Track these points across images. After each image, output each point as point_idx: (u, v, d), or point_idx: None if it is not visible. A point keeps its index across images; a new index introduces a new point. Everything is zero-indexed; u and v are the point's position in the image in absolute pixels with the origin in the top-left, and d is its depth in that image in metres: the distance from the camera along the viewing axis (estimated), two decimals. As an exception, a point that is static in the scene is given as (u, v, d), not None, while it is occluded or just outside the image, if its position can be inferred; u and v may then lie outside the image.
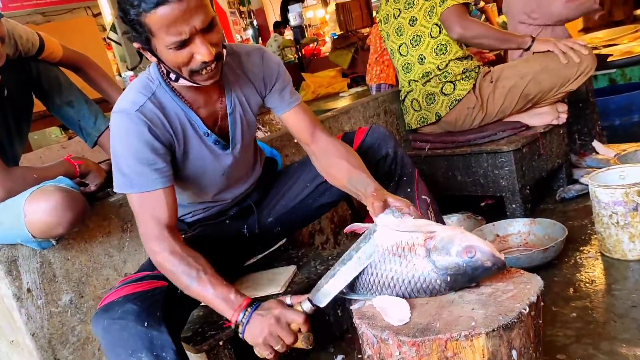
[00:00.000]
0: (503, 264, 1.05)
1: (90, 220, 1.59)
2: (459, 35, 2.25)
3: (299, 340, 1.18)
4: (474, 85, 2.32)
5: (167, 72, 1.29)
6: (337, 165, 1.42)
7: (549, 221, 1.99)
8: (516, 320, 0.97)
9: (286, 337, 1.15)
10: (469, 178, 2.39)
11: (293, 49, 9.49)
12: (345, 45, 7.77)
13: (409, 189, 1.57)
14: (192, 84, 1.27)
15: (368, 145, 1.57)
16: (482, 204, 2.60)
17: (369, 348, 1.07)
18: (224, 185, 1.50)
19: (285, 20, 9.75)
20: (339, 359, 1.64)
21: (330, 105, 5.86)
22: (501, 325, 0.95)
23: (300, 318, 1.16)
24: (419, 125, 2.50)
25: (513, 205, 2.27)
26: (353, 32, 7.81)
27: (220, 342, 1.42)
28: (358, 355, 1.18)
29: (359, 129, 1.62)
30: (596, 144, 2.66)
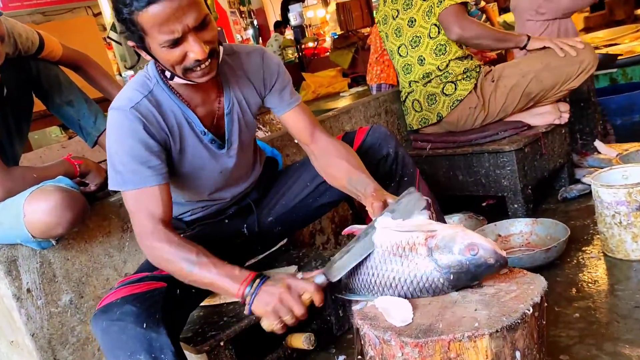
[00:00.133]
0: (505, 261, 1.05)
1: (90, 220, 1.59)
2: (458, 36, 2.24)
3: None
4: (475, 85, 2.31)
5: (163, 70, 1.29)
6: (336, 165, 1.42)
7: (551, 221, 1.98)
8: (520, 321, 0.96)
9: (296, 308, 1.11)
10: (470, 178, 2.38)
11: (294, 49, 9.48)
12: (345, 45, 7.77)
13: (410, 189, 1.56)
14: (187, 82, 1.26)
15: (369, 145, 1.56)
16: (484, 204, 2.59)
17: (371, 349, 1.06)
18: (221, 184, 1.49)
19: (285, 20, 9.75)
20: (340, 359, 1.63)
21: (330, 105, 5.85)
22: (505, 326, 0.94)
23: (312, 287, 1.12)
24: (421, 126, 2.49)
25: (515, 205, 2.26)
26: (353, 32, 7.81)
27: (221, 343, 1.41)
28: (359, 356, 1.17)
29: (359, 128, 1.62)
30: (598, 144, 2.65)
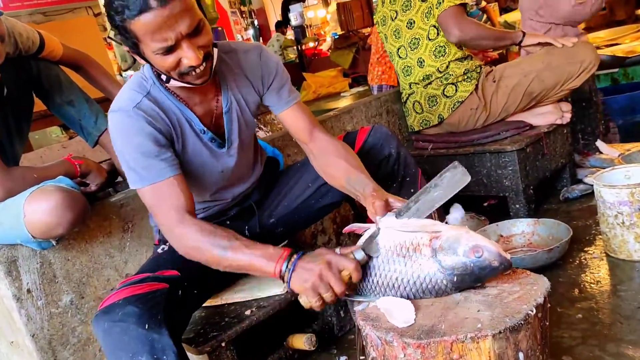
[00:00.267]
0: (510, 264, 1.04)
1: (91, 220, 1.58)
2: (457, 38, 2.23)
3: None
4: (476, 86, 2.31)
5: (159, 74, 1.28)
6: (335, 165, 1.41)
7: (553, 221, 1.98)
8: (523, 322, 0.95)
9: (336, 285, 1.08)
10: (472, 178, 2.36)
11: (294, 49, 9.47)
12: (346, 45, 7.75)
13: (412, 189, 1.56)
14: (184, 84, 1.26)
15: (371, 145, 1.56)
16: (485, 204, 2.59)
17: (373, 350, 1.05)
18: (222, 184, 1.49)
19: (286, 20, 9.73)
20: (342, 360, 1.63)
21: (331, 105, 5.84)
22: (508, 327, 0.94)
23: (352, 264, 1.09)
24: (422, 128, 2.49)
25: (516, 206, 2.26)
26: (354, 32, 7.79)
27: (223, 344, 1.40)
28: (361, 357, 1.17)
29: (361, 128, 1.61)
30: (600, 144, 2.64)
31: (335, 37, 8.53)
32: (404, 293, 1.08)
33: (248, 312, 1.48)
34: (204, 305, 1.54)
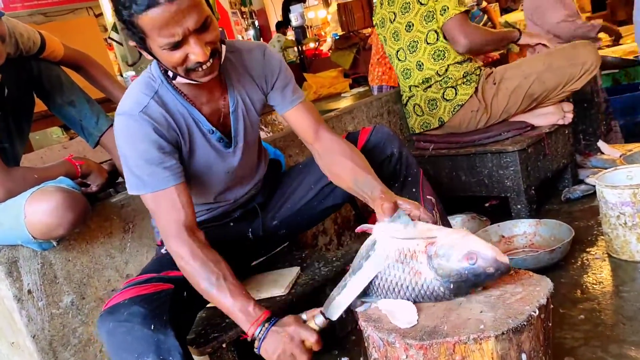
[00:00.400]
0: (507, 269, 1.02)
1: (92, 221, 1.58)
2: (465, 47, 2.23)
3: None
4: (476, 89, 2.30)
5: (165, 70, 1.28)
6: (341, 164, 1.40)
7: (555, 222, 1.97)
8: (526, 323, 0.95)
9: (300, 356, 1.15)
10: (473, 178, 2.37)
11: (295, 49, 9.48)
12: (347, 45, 7.76)
13: (414, 189, 1.55)
14: (190, 82, 1.25)
15: (372, 145, 1.55)
16: (487, 204, 2.58)
17: (375, 351, 1.05)
18: (227, 185, 1.48)
19: (286, 21, 9.73)
20: (343, 361, 1.62)
21: (332, 105, 5.84)
22: (511, 328, 0.93)
23: (313, 337, 1.16)
24: (422, 130, 2.48)
25: (518, 206, 2.25)
26: (355, 33, 7.80)
27: (224, 345, 1.40)
28: (363, 358, 1.16)
29: (363, 128, 1.60)
30: (601, 144, 2.64)
31: (336, 37, 8.54)
32: (403, 298, 1.08)
33: (249, 313, 1.47)
34: (208, 305, 1.53)
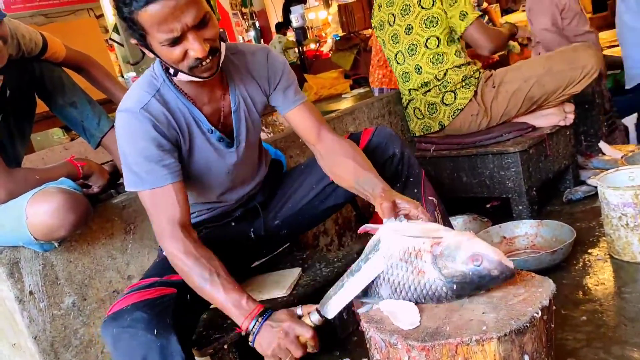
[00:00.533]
0: (512, 273, 1.01)
1: (93, 222, 1.58)
2: (491, 50, 2.31)
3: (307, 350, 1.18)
4: (475, 92, 2.30)
5: (167, 68, 1.28)
6: (343, 164, 1.40)
7: (556, 223, 1.97)
8: (528, 325, 0.95)
9: (294, 351, 1.15)
10: (474, 179, 2.37)
11: (296, 50, 9.48)
12: (347, 46, 7.75)
13: (415, 189, 1.55)
14: (192, 78, 1.26)
15: (374, 145, 1.55)
16: (488, 205, 2.58)
17: (376, 352, 1.05)
18: (228, 185, 1.48)
19: (287, 22, 9.74)
20: (345, 362, 1.62)
21: (333, 106, 5.83)
22: (513, 329, 0.93)
23: (309, 333, 1.15)
24: (423, 133, 2.48)
25: (519, 207, 2.25)
26: (355, 34, 7.79)
27: (225, 346, 1.40)
28: (364, 359, 1.16)
29: (364, 129, 1.60)
30: (603, 145, 2.64)
31: (337, 38, 8.54)
32: (405, 298, 1.08)
33: (251, 314, 1.47)
34: (211, 306, 1.53)
